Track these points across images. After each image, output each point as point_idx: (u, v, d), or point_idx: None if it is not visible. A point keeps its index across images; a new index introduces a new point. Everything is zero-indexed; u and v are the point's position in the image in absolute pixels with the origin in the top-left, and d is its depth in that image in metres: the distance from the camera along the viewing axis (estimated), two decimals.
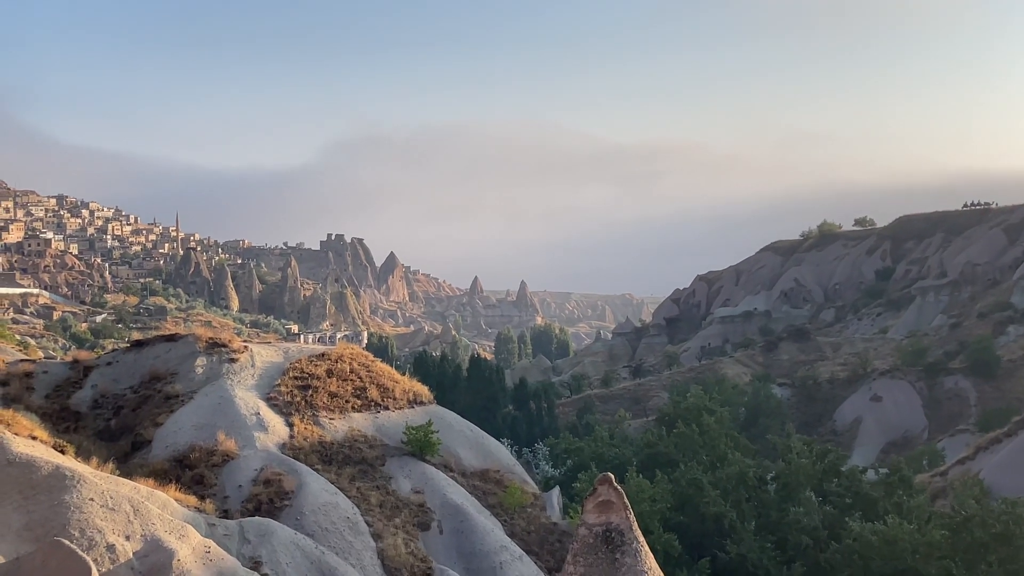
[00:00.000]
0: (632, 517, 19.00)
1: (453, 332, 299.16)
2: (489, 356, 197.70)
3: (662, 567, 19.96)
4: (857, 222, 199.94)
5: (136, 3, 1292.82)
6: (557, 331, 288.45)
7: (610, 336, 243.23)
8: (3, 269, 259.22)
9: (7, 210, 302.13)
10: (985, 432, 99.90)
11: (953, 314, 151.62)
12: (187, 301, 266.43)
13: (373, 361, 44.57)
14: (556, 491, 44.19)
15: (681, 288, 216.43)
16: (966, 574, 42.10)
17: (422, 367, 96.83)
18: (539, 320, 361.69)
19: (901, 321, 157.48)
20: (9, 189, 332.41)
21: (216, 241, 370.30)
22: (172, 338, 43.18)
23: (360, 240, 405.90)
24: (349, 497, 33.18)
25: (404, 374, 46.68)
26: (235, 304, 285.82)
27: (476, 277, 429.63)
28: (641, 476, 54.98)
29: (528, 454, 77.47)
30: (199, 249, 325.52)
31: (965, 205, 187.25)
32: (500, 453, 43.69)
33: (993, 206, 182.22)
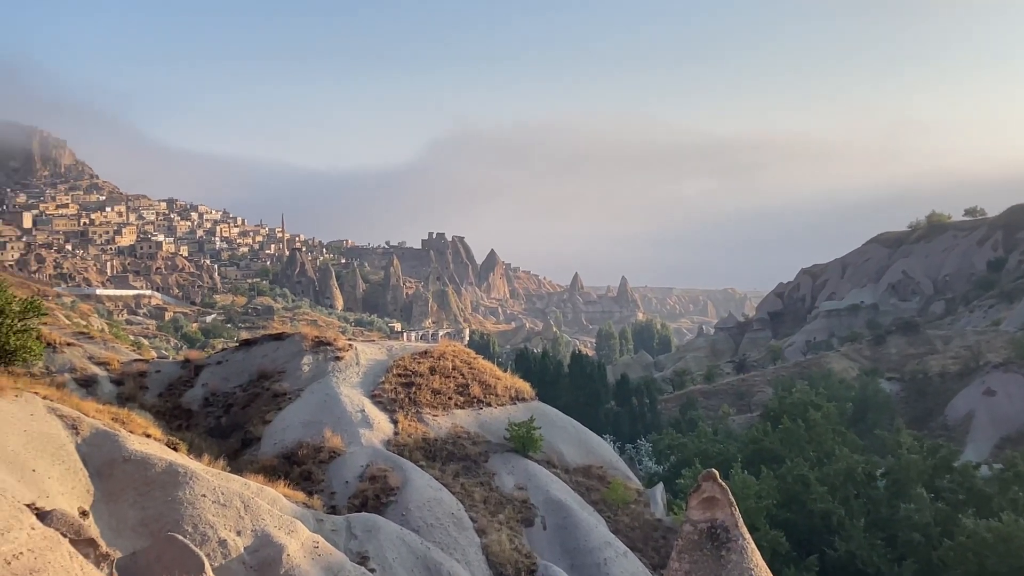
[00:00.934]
0: (737, 514, 18.81)
1: (554, 328, 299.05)
2: (590, 352, 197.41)
3: (769, 564, 19.71)
4: (967, 212, 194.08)
5: (241, 11, 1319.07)
6: (658, 326, 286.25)
7: (712, 331, 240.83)
8: (117, 272, 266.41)
9: (120, 214, 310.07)
10: None
11: None
12: (293, 301, 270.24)
13: (475, 358, 44.80)
14: (660, 487, 43.91)
15: (785, 282, 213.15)
16: None
17: (523, 364, 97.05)
18: (640, 316, 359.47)
19: (1015, 313, 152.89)
20: (122, 194, 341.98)
21: (320, 241, 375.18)
22: (279, 337, 43.94)
23: (461, 238, 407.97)
24: (453, 493, 33.37)
25: (506, 371, 46.86)
26: (339, 303, 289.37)
27: (576, 273, 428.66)
28: (746, 472, 54.36)
29: (631, 450, 77.14)
30: (304, 249, 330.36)
31: None
32: (602, 449, 43.60)
33: None
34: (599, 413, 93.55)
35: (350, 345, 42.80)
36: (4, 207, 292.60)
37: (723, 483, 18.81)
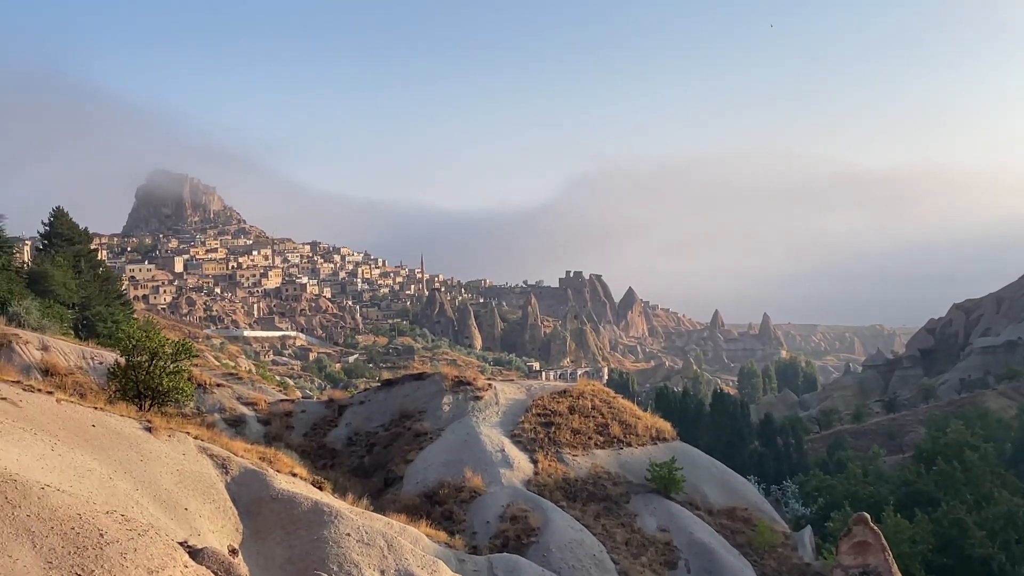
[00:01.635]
0: (891, 559, 18.24)
1: (694, 367, 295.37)
2: (732, 391, 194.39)
3: None
4: None
5: (379, 57, 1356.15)
6: (803, 364, 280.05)
7: (860, 369, 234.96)
8: (263, 313, 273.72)
9: (266, 257, 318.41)
10: None
11: None
12: (432, 340, 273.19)
13: (614, 397, 44.55)
14: (808, 530, 42.92)
15: (936, 317, 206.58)
16: None
17: (664, 403, 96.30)
18: (783, 353, 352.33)
19: None
20: (268, 237, 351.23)
21: (459, 281, 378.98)
22: (420, 377, 44.44)
23: (598, 276, 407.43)
24: (594, 534, 33.14)
25: (646, 410, 46.50)
26: (478, 342, 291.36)
27: (716, 310, 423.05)
28: (899, 516, 52.94)
29: (776, 492, 75.61)
30: (443, 290, 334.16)
31: None
32: (747, 490, 42.79)
33: None
34: (743, 453, 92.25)
35: (489, 384, 43.01)
36: (157, 252, 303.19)
37: (875, 527, 18.29)
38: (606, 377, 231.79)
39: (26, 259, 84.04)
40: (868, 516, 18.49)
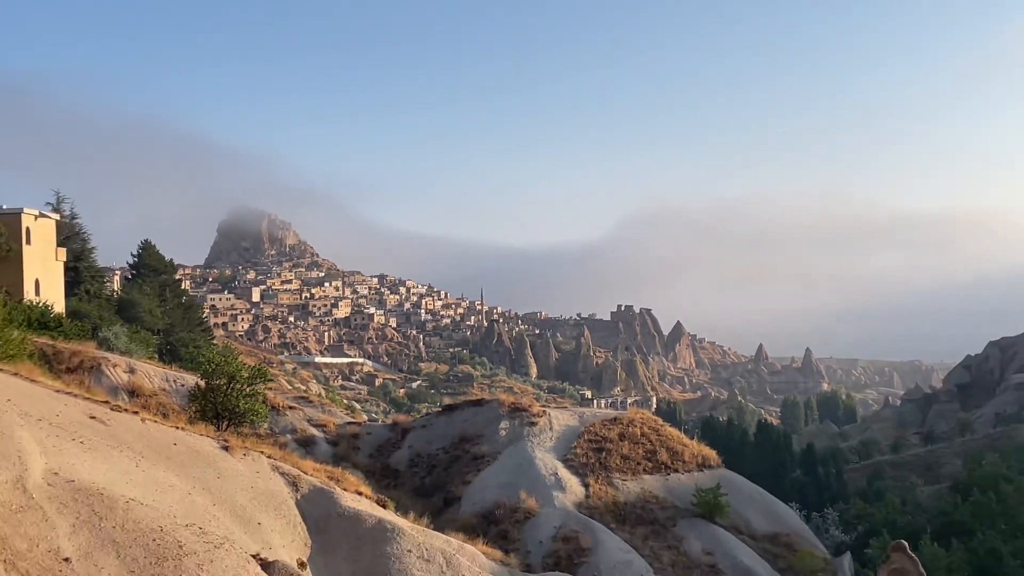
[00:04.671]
0: None
1: (739, 397, 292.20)
2: (775, 421, 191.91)
3: None
4: None
5: (452, 108, 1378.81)
6: (843, 397, 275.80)
7: (899, 402, 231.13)
8: (333, 341, 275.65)
9: (336, 289, 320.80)
10: None
11: None
12: (491, 368, 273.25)
13: (662, 425, 44.28)
14: (847, 556, 42.30)
15: (973, 354, 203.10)
16: None
17: (709, 431, 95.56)
18: (825, 386, 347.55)
19: None
20: (339, 270, 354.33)
21: (516, 313, 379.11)
22: (479, 403, 44.50)
23: (648, 310, 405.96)
24: (642, 556, 32.88)
25: (692, 438, 46.10)
26: (534, 371, 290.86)
27: (760, 344, 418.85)
28: (936, 544, 52.08)
29: (817, 519, 74.55)
30: (501, 321, 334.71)
31: None
32: (789, 517, 42.25)
33: None
34: (785, 481, 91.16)
35: (544, 411, 42.94)
36: (236, 283, 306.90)
37: (913, 555, 17.95)
38: (654, 406, 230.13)
39: (116, 287, 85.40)
40: (906, 544, 18.15)
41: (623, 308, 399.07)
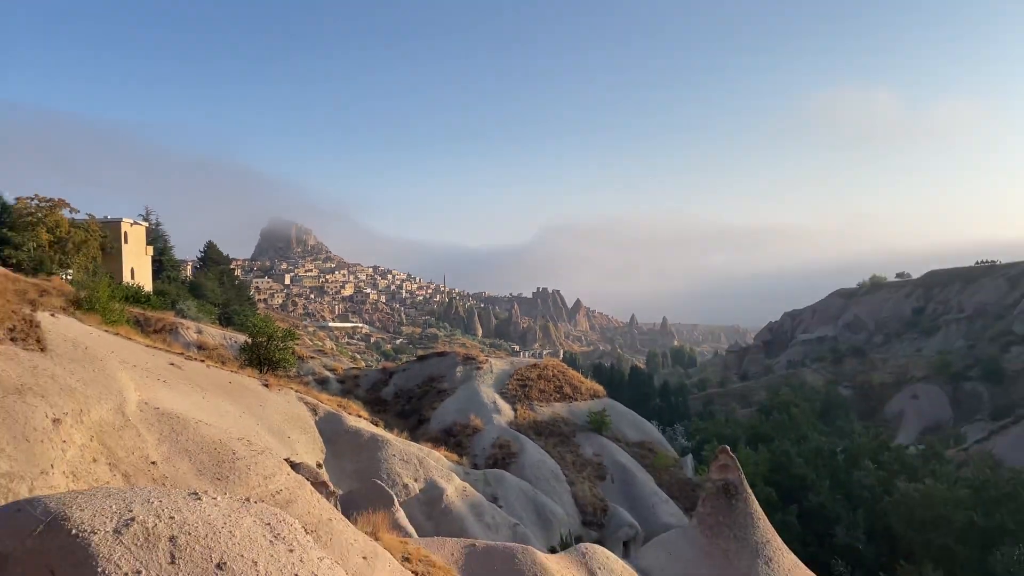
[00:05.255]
0: (743, 476, 18.26)
1: (618, 350, 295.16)
2: (643, 366, 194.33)
3: (764, 510, 19.06)
4: (898, 275, 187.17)
5: (424, 141, 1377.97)
6: (688, 350, 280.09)
7: (724, 353, 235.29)
8: (341, 312, 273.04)
9: (344, 275, 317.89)
10: (996, 421, 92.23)
11: (970, 339, 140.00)
12: (450, 331, 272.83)
13: (567, 369, 44.55)
14: (690, 457, 43.02)
15: (774, 321, 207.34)
16: (985, 521, 38.54)
17: (598, 373, 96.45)
18: (676, 342, 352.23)
19: (931, 343, 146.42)
20: (345, 263, 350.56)
21: (468, 292, 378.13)
22: (442, 354, 44.37)
23: (558, 291, 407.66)
24: (552, 457, 33.16)
25: (587, 378, 46.42)
26: (480, 332, 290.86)
27: (633, 314, 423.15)
28: (748, 448, 53.13)
29: (670, 431, 75.88)
30: (458, 298, 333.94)
31: (977, 262, 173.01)
32: (651, 430, 42.83)
33: (998, 263, 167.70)
34: (649, 406, 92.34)
35: (487, 360, 42.99)
36: (273, 271, 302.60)
37: (733, 455, 18.30)
38: (561, 356, 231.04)
39: (188, 274, 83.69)
40: (728, 448, 18.50)
41: (541, 289, 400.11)
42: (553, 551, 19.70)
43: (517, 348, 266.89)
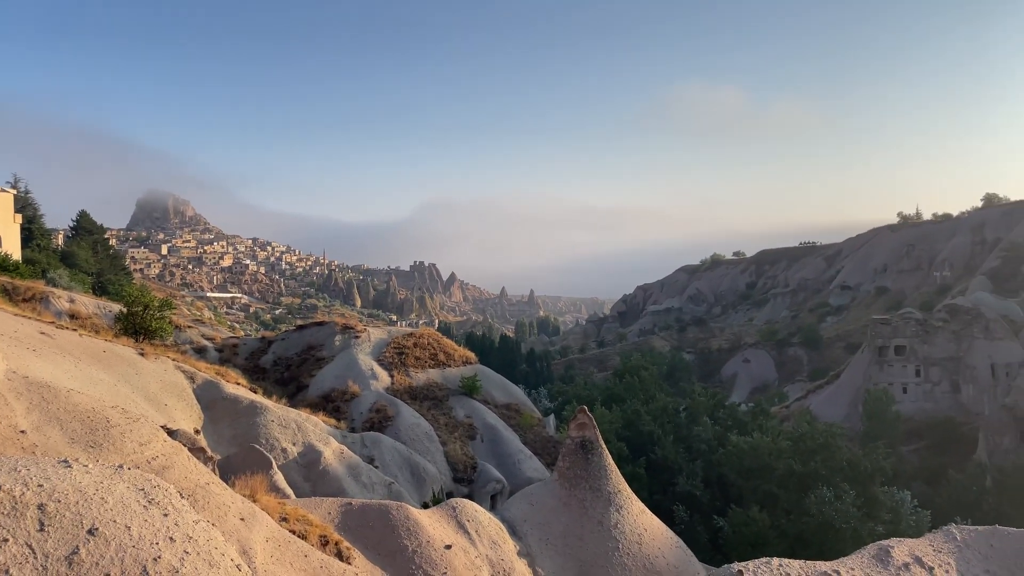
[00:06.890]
0: (598, 433, 18.96)
1: (489, 320, 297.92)
2: (511, 334, 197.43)
3: (616, 464, 19.93)
4: (735, 253, 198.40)
5: (309, 123, 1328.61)
6: (553, 320, 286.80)
7: (584, 323, 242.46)
8: (220, 282, 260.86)
9: (223, 247, 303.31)
10: (813, 381, 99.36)
11: (793, 310, 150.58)
12: (330, 301, 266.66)
13: (441, 338, 44.57)
14: (552, 417, 44.10)
15: (628, 294, 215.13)
16: (802, 468, 41.81)
17: (471, 342, 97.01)
18: (542, 313, 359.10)
19: (761, 314, 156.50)
20: (224, 234, 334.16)
21: (348, 265, 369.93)
22: (321, 324, 43.35)
23: (434, 264, 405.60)
24: (427, 420, 33.25)
25: (460, 345, 46.69)
26: (358, 303, 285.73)
27: (503, 287, 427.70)
28: (603, 408, 54.83)
29: (535, 394, 77.61)
30: (338, 270, 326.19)
31: (800, 243, 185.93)
32: (518, 393, 43.64)
33: (817, 243, 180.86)
34: (516, 371, 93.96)
35: (365, 329, 42.37)
36: (150, 241, 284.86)
37: (590, 414, 18.95)
38: (436, 325, 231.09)
39: (60, 243, 77.53)
40: (587, 408, 19.13)
41: (418, 263, 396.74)
42: (426, 506, 19.85)
43: (395, 318, 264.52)
